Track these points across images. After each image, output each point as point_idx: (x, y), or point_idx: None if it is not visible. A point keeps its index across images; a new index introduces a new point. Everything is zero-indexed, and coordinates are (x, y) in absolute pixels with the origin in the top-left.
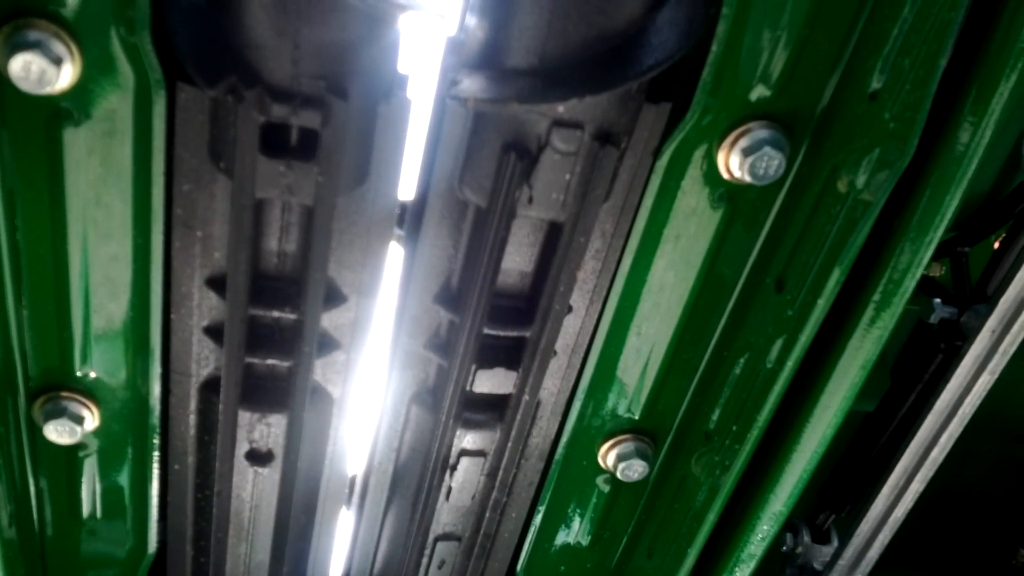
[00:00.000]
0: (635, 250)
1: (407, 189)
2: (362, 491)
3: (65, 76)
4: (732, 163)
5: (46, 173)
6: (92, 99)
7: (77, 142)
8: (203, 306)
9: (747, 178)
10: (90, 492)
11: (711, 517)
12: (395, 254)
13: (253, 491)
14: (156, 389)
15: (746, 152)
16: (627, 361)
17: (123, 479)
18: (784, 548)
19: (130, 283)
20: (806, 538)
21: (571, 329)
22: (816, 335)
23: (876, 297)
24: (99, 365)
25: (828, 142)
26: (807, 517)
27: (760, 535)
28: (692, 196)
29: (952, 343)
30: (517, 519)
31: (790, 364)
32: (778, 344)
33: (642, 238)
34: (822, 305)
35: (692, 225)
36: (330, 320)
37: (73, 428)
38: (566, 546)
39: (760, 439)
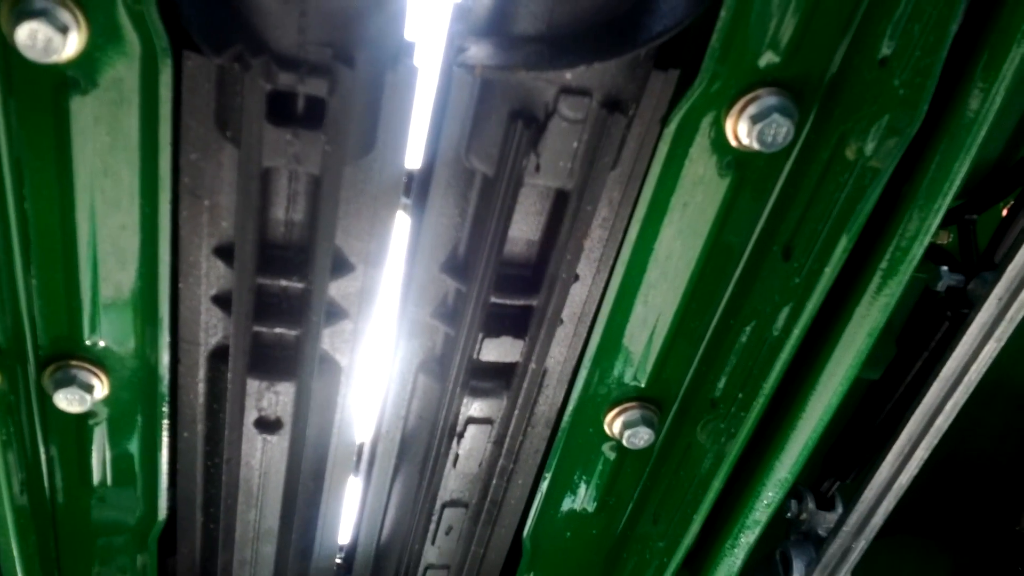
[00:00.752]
0: (642, 218)
1: (414, 158)
2: (370, 458)
3: (71, 44)
4: (740, 130)
5: (53, 142)
6: (99, 68)
7: (84, 111)
8: (211, 275)
9: (755, 145)
10: (100, 460)
11: (716, 484)
12: (402, 223)
13: (262, 458)
14: (165, 358)
15: (754, 119)
16: (633, 329)
17: (133, 447)
18: (788, 514)
19: (138, 252)
20: (810, 504)
21: (578, 297)
22: (823, 303)
23: (883, 265)
24: (108, 334)
25: (837, 109)
26: (811, 484)
27: (765, 501)
28: (700, 164)
29: (959, 311)
30: (524, 486)
31: (796, 332)
32: (785, 312)
33: (649, 206)
34: (829, 273)
35: (699, 193)
36: (337, 289)
37: (83, 396)
38: (572, 512)
39: (766, 407)
